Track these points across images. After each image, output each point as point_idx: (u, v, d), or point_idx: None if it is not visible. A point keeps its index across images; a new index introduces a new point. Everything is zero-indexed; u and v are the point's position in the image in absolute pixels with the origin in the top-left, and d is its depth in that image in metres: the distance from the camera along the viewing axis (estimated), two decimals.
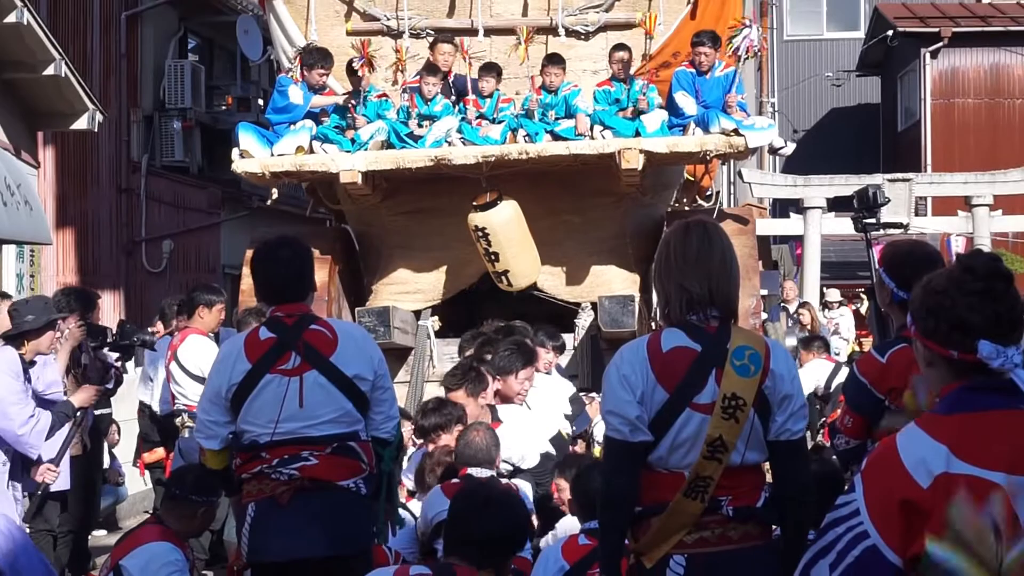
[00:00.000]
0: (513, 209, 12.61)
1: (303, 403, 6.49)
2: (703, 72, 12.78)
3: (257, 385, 6.53)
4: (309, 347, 6.58)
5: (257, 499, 6.54)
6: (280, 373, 6.53)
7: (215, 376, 6.74)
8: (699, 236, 5.08)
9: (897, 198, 22.08)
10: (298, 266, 6.87)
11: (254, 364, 6.57)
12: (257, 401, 6.52)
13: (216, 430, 6.69)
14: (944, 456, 3.43)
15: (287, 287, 6.79)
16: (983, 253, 3.77)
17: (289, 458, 6.48)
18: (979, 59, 34.93)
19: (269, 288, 6.90)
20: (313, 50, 13.13)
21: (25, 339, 9.30)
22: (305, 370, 6.53)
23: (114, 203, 23.61)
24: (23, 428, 9.03)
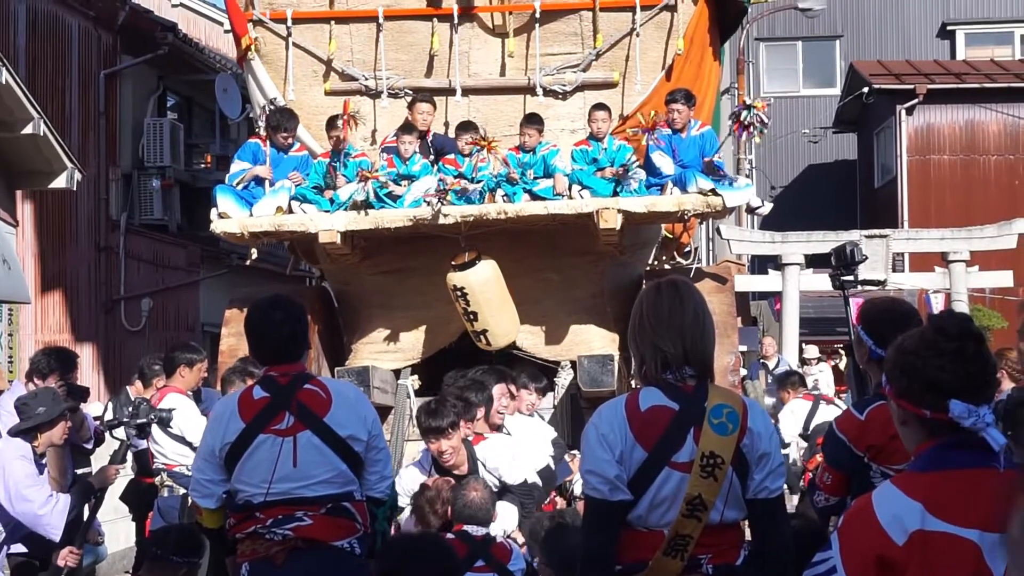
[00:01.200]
0: (492, 268, 12.63)
1: (297, 463, 6.49)
2: (678, 130, 12.84)
3: (251, 445, 6.54)
4: (303, 407, 6.58)
5: (251, 559, 6.53)
6: (274, 433, 6.54)
7: (208, 435, 6.76)
8: (671, 296, 5.11)
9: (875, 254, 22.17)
10: (291, 327, 6.88)
11: (248, 424, 6.58)
12: (251, 461, 6.52)
13: (211, 488, 6.69)
14: (919, 513, 3.46)
15: (281, 349, 6.81)
16: (955, 313, 3.82)
17: (283, 518, 6.48)
18: (954, 116, 35.12)
19: (263, 350, 6.91)
20: (276, 111, 13.16)
21: (38, 432, 9.29)
22: (299, 430, 6.54)
23: (93, 261, 23.57)
24: (43, 508, 9.02)
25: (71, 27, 22.98)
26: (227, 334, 13.36)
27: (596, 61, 13.35)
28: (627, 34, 13.24)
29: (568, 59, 13.35)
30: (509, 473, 9.13)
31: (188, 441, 11.00)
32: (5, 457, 9.05)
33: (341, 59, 13.47)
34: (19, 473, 9.01)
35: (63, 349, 12.75)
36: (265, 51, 13.53)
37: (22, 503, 8.99)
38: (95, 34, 23.60)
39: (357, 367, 12.93)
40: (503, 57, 13.34)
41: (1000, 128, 35.06)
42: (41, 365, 10.84)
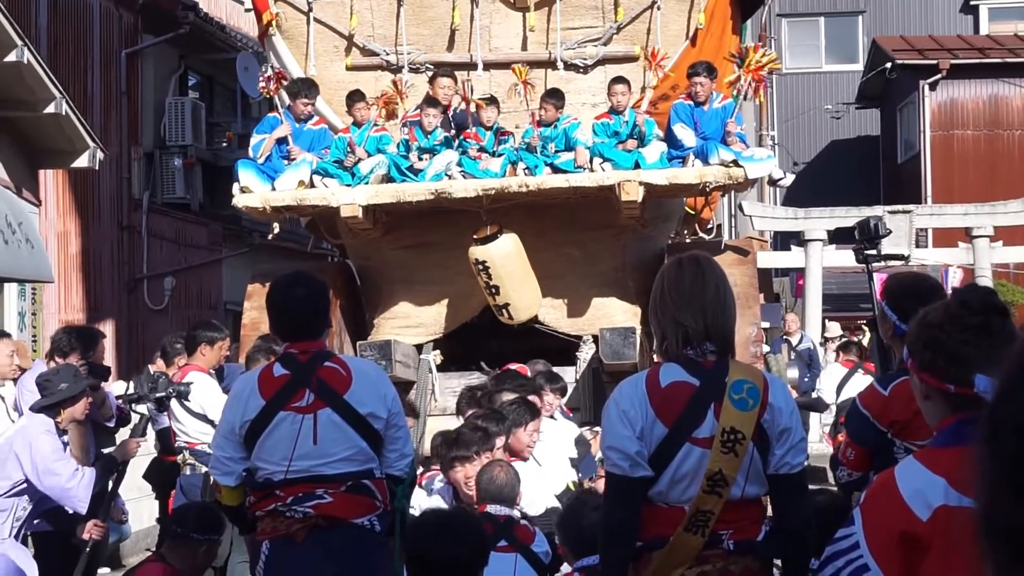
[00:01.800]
0: (513, 242, 12.62)
1: (317, 441, 6.49)
2: (700, 103, 12.81)
3: (271, 423, 6.54)
4: (323, 384, 6.58)
5: (271, 537, 6.53)
6: (294, 411, 6.53)
7: (228, 412, 6.76)
8: (692, 271, 5.09)
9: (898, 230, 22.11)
10: (313, 304, 6.86)
11: (268, 401, 6.58)
12: (271, 439, 6.52)
13: (231, 466, 6.69)
14: (942, 489, 3.43)
15: (302, 325, 6.80)
16: (979, 287, 3.78)
17: (303, 496, 6.48)
18: (977, 91, 34.99)
19: (284, 326, 6.91)
20: (297, 80, 13.19)
21: (61, 407, 9.31)
22: (319, 408, 6.53)
23: (115, 240, 23.61)
24: (71, 482, 9.05)
25: (92, 7, 22.99)
26: (249, 307, 13.39)
27: (617, 35, 13.33)
28: (648, 7, 13.23)
29: (589, 33, 13.33)
30: (530, 506, 9.03)
31: (210, 419, 10.99)
32: (31, 433, 9.09)
33: (362, 34, 13.47)
34: (46, 448, 9.03)
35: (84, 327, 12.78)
36: (286, 27, 13.54)
37: (50, 477, 9.00)
38: (116, 13, 23.61)
39: (379, 342, 12.94)
40: (524, 31, 13.33)
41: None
42: (63, 343, 10.87)
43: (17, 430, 9.21)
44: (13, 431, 9.25)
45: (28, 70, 16.17)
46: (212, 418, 10.96)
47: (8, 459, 8.99)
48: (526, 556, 7.49)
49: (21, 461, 8.95)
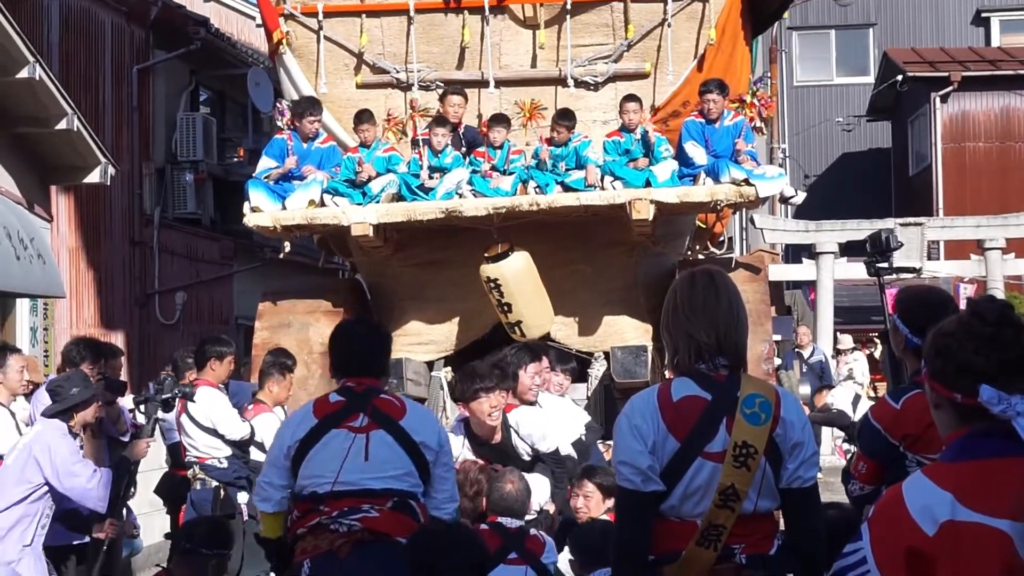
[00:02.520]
0: (525, 260, 12.64)
1: (368, 457, 6.49)
2: (712, 120, 12.82)
3: (322, 439, 6.57)
4: (378, 410, 6.63)
5: (313, 555, 6.49)
6: (347, 428, 6.57)
7: (279, 437, 6.83)
8: (705, 285, 5.09)
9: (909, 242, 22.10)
10: (373, 344, 6.99)
11: (321, 419, 6.63)
12: (321, 454, 6.54)
13: (270, 492, 6.73)
14: (949, 504, 3.42)
15: (361, 362, 6.87)
16: (995, 299, 3.77)
17: (349, 510, 6.46)
18: (989, 103, 34.96)
19: (343, 361, 6.97)
20: (301, 99, 13.24)
21: (73, 412, 9.43)
22: (373, 428, 6.57)
23: (127, 256, 23.64)
24: (91, 482, 9.21)
25: (104, 22, 23.03)
26: (260, 327, 13.43)
27: (627, 52, 13.37)
28: (659, 24, 13.26)
29: (599, 50, 13.36)
30: (542, 441, 9.13)
31: (220, 434, 11.03)
32: (48, 437, 9.21)
33: (372, 52, 13.51)
34: (64, 451, 9.17)
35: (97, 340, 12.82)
36: (296, 45, 13.58)
37: (70, 479, 9.14)
38: (128, 29, 23.64)
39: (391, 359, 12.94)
40: (534, 48, 13.37)
41: None
42: (72, 354, 10.99)
43: (34, 435, 9.29)
44: (29, 436, 9.33)
45: (40, 86, 16.20)
46: (222, 432, 11.02)
47: (28, 464, 9.10)
48: (536, 568, 7.51)
49: (41, 465, 9.08)
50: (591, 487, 8.25)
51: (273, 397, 11.54)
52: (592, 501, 8.08)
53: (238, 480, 11.11)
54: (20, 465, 9.14)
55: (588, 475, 8.43)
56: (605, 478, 8.24)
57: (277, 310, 13.70)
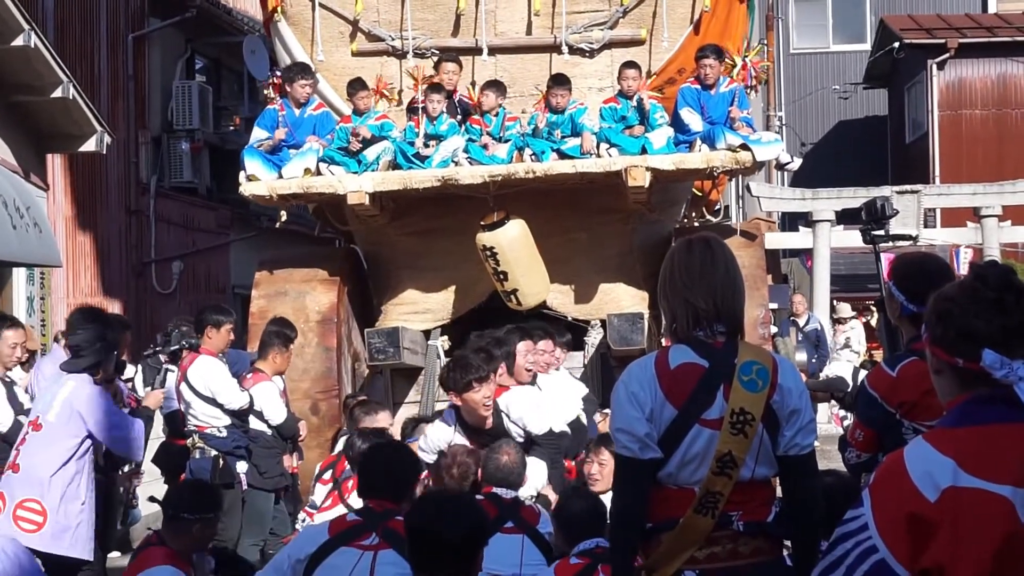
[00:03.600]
0: (521, 228, 12.62)
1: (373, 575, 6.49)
2: (708, 86, 12.80)
3: (330, 555, 6.54)
4: (390, 531, 6.56)
5: None
6: (356, 547, 6.53)
7: (291, 546, 6.84)
8: (702, 252, 5.09)
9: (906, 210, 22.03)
10: (398, 469, 7.00)
11: (333, 536, 6.61)
12: (327, 569, 6.50)
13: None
14: (951, 470, 3.42)
15: (384, 485, 6.87)
16: (997, 264, 3.77)
17: None
18: (986, 70, 34.88)
19: (368, 483, 7.01)
20: (291, 65, 13.22)
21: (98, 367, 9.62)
22: (382, 548, 6.51)
23: (123, 225, 23.63)
24: (133, 432, 9.51)
25: None
26: (257, 296, 13.43)
27: (623, 18, 13.32)
28: None
29: (595, 17, 13.32)
30: (533, 422, 9.11)
31: (219, 403, 11.04)
32: (86, 392, 9.37)
33: (367, 19, 13.46)
34: (105, 404, 9.42)
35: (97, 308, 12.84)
36: (291, 13, 13.54)
37: (115, 430, 9.41)
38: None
39: (387, 328, 12.97)
40: (529, 15, 13.33)
41: None
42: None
43: (70, 391, 9.36)
44: (66, 394, 9.38)
45: (35, 54, 16.17)
46: (221, 401, 11.02)
47: (72, 418, 9.27)
48: (532, 537, 7.52)
49: (85, 419, 9.26)
50: (607, 455, 8.23)
51: (274, 367, 11.56)
52: (607, 469, 8.07)
53: (237, 449, 11.12)
54: (64, 421, 9.28)
55: (604, 442, 8.41)
56: None
57: (273, 279, 13.70)
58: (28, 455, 9.32)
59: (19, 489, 9.25)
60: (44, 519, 9.23)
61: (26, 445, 9.36)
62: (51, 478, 9.23)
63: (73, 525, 9.31)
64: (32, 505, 9.23)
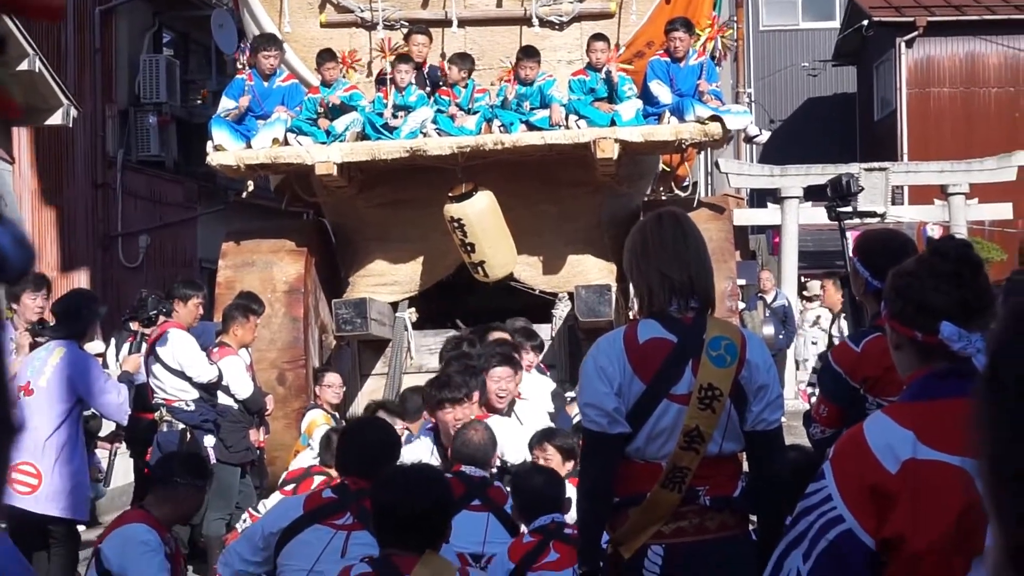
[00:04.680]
0: (488, 200, 12.61)
1: (345, 555, 6.47)
2: (677, 59, 12.79)
3: (303, 531, 6.56)
4: (365, 511, 6.57)
5: None
6: (330, 525, 6.55)
7: (265, 517, 6.93)
8: (672, 226, 5.09)
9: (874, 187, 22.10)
10: (378, 449, 6.98)
11: (306, 512, 6.62)
12: (299, 543, 6.52)
13: (232, 559, 6.73)
14: (911, 442, 3.45)
15: (362, 463, 6.84)
16: (957, 239, 3.79)
17: None
18: (954, 48, 34.96)
19: (346, 460, 7.03)
20: (258, 36, 13.17)
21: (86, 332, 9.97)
22: (356, 528, 6.51)
23: (90, 198, 23.50)
24: (120, 398, 9.72)
25: None
26: (224, 267, 13.40)
27: None
28: None
29: None
30: (510, 451, 9.04)
31: (188, 376, 11.02)
32: (75, 357, 9.60)
33: None
34: (96, 371, 9.69)
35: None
36: None
37: (104, 395, 9.62)
38: None
39: (354, 299, 12.94)
40: None
41: (1000, 60, 34.91)
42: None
43: (60, 357, 9.55)
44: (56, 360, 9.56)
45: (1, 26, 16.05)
46: (190, 375, 11.00)
47: (63, 384, 9.48)
48: (498, 516, 7.50)
49: (77, 384, 9.49)
50: (551, 450, 8.25)
51: (237, 340, 11.56)
52: (552, 464, 8.07)
53: (205, 423, 11.11)
54: (55, 386, 9.48)
55: (548, 437, 8.42)
56: (565, 441, 8.26)
57: (240, 249, 13.67)
58: None
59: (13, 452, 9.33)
60: (39, 481, 9.41)
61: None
62: (46, 442, 9.41)
63: (69, 487, 9.49)
64: (27, 468, 9.38)
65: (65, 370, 9.48)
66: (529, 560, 6.58)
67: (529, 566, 6.55)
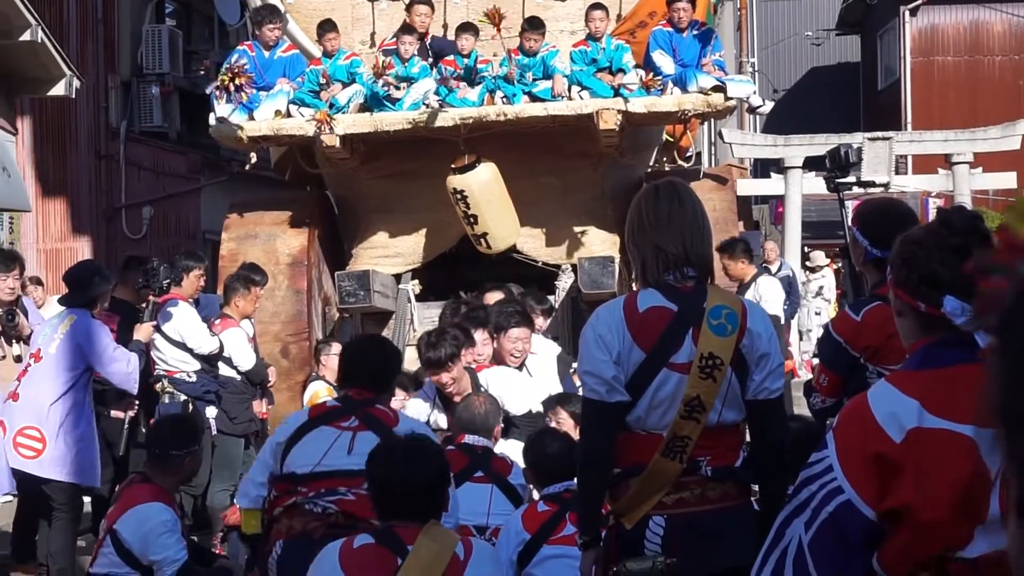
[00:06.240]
0: (491, 171, 12.59)
1: (351, 452, 6.53)
2: (681, 29, 12.75)
3: (310, 432, 6.66)
4: (370, 416, 6.71)
5: (287, 537, 6.55)
6: (335, 426, 6.66)
7: (272, 438, 6.96)
8: (669, 196, 5.08)
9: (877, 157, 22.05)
10: (382, 362, 7.12)
11: (312, 418, 6.77)
12: (306, 444, 6.63)
13: (248, 488, 6.93)
14: (916, 411, 3.44)
15: (366, 376, 6.96)
16: (965, 210, 3.77)
17: (326, 491, 6.53)
18: (958, 16, 34.88)
19: (349, 373, 7.12)
20: (259, 8, 13.13)
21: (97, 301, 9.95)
22: (361, 430, 6.63)
23: (93, 169, 23.51)
24: (130, 367, 9.77)
25: None
26: (227, 239, 13.40)
27: None
28: None
29: None
30: (512, 402, 9.05)
31: (189, 347, 11.03)
32: (86, 325, 9.68)
33: None
34: (105, 339, 9.70)
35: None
36: None
37: (114, 363, 9.69)
38: None
39: (357, 271, 12.93)
40: None
41: (1005, 28, 34.83)
42: None
43: (71, 325, 9.66)
44: (67, 327, 9.68)
45: None
46: (191, 346, 11.02)
47: (73, 350, 9.57)
48: (501, 487, 7.50)
49: (87, 352, 9.58)
50: (564, 414, 8.25)
51: (239, 311, 11.57)
52: (564, 428, 8.07)
53: (206, 395, 11.13)
54: (64, 353, 9.57)
55: (562, 402, 8.43)
56: (578, 406, 8.26)
57: (244, 221, 13.67)
58: (28, 385, 9.63)
59: (19, 417, 9.57)
60: (43, 446, 9.52)
61: (27, 376, 9.68)
62: (50, 407, 9.52)
63: (72, 453, 9.55)
64: (32, 432, 9.53)
65: (75, 338, 9.58)
66: (546, 531, 6.57)
67: (546, 538, 6.55)
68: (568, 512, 6.56)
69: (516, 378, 9.37)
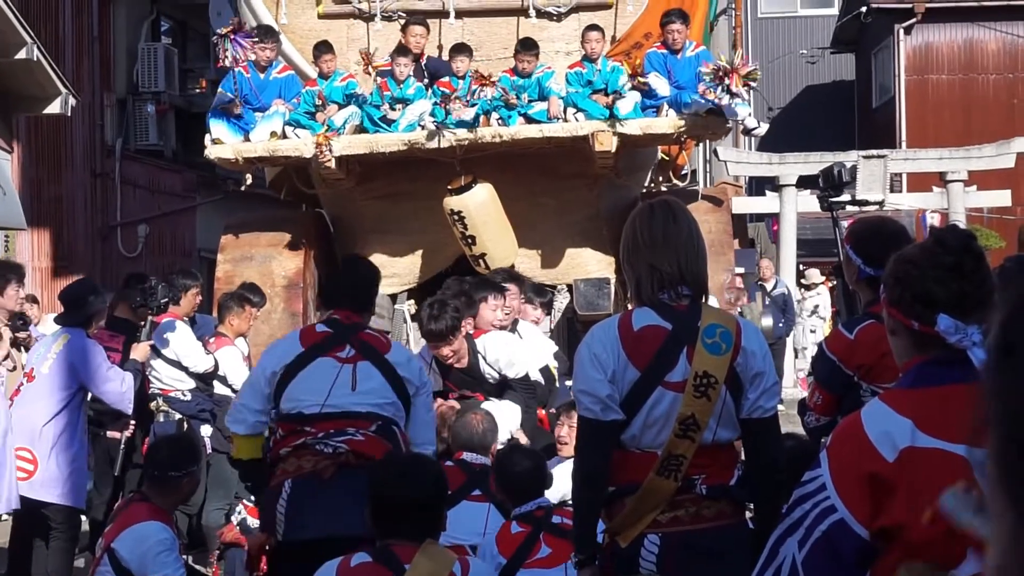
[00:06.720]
0: (488, 192, 12.60)
1: (355, 387, 6.60)
2: (675, 51, 12.77)
3: (309, 364, 6.69)
4: (364, 343, 6.79)
5: (295, 476, 6.55)
6: (334, 358, 6.70)
7: (262, 360, 6.96)
8: (663, 215, 5.10)
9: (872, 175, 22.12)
10: (371, 280, 7.26)
11: (307, 348, 6.76)
12: (307, 379, 6.66)
13: (245, 414, 6.86)
14: (909, 430, 3.45)
15: (354, 294, 7.09)
16: (959, 228, 3.79)
17: (335, 432, 6.56)
18: (952, 35, 34.91)
19: (335, 294, 7.22)
20: (255, 27, 13.12)
21: (92, 320, 10.04)
22: (359, 360, 6.70)
23: (88, 187, 23.53)
24: (124, 386, 9.73)
25: None
26: (223, 260, 13.40)
27: None
28: None
29: None
30: (509, 366, 9.11)
31: (184, 366, 11.04)
32: (80, 344, 9.67)
33: None
34: (99, 358, 9.66)
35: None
36: None
37: (107, 383, 9.67)
38: None
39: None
40: None
41: (999, 47, 34.85)
42: None
43: (64, 344, 9.65)
44: (60, 346, 9.67)
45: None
46: (186, 364, 11.03)
47: (66, 370, 9.54)
48: (498, 506, 7.50)
49: (80, 371, 9.56)
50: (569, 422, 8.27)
51: (234, 329, 11.60)
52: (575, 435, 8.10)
53: (201, 413, 11.15)
54: (58, 373, 9.56)
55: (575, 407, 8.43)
56: None
57: (239, 243, 13.67)
58: (21, 405, 9.58)
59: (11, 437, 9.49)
60: (35, 467, 9.50)
61: (20, 396, 9.65)
62: (43, 428, 9.50)
63: (65, 474, 9.54)
64: (23, 453, 9.49)
65: (68, 357, 9.56)
66: (521, 555, 6.59)
67: (522, 561, 6.56)
68: (542, 532, 6.59)
69: (513, 342, 9.47)
